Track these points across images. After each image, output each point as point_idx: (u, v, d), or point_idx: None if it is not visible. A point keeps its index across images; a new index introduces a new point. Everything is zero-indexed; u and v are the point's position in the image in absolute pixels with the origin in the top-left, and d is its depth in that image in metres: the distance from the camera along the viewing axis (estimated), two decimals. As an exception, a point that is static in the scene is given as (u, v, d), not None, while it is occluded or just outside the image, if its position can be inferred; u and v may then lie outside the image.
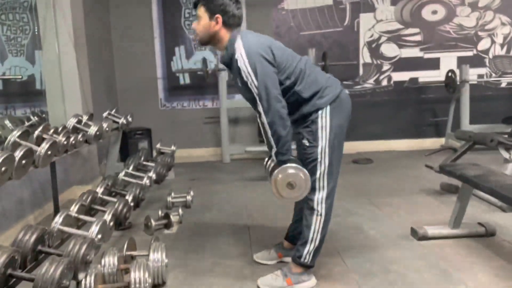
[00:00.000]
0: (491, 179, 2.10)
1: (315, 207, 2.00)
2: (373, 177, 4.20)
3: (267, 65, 1.85)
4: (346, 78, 5.55)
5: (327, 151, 1.95)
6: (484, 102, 5.50)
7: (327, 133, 1.94)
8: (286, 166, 1.86)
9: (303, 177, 1.86)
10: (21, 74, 4.76)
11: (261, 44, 1.89)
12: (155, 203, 3.52)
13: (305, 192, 1.89)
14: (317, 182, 1.99)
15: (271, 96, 1.83)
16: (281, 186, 1.86)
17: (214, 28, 1.93)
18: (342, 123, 1.98)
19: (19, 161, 2.16)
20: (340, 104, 1.97)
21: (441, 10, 5.46)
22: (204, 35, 1.97)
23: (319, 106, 1.93)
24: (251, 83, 1.85)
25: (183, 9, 5.41)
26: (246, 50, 1.84)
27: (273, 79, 1.86)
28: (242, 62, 1.84)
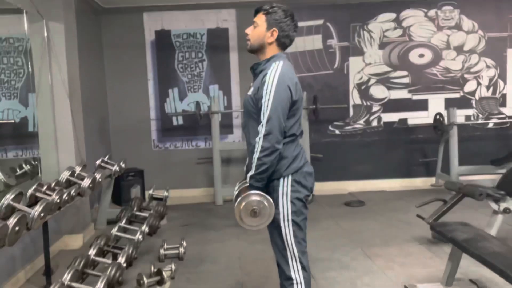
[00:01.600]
0: (480, 245, 2.14)
1: (293, 276, 1.98)
2: (365, 222, 4.22)
3: (288, 98, 1.87)
4: (336, 119, 5.66)
5: (289, 218, 1.94)
6: (472, 142, 5.62)
7: (288, 201, 1.94)
8: (252, 193, 1.86)
9: (267, 205, 1.85)
10: (14, 118, 4.76)
11: (295, 81, 1.93)
12: (147, 255, 3.48)
13: (267, 222, 1.88)
14: (288, 251, 1.97)
15: (277, 126, 1.84)
16: (244, 212, 1.85)
17: (267, 39, 1.96)
18: (303, 192, 1.97)
19: (12, 228, 2.16)
20: (302, 176, 1.96)
21: (428, 54, 5.64)
22: (256, 42, 1.99)
23: (281, 174, 1.93)
24: (266, 100, 1.85)
25: (176, 52, 5.52)
26: (281, 75, 1.87)
27: (285, 111, 1.87)
28: (270, 80, 1.86)
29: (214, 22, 5.49)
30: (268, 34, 1.96)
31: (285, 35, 1.97)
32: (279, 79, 1.86)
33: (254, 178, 1.88)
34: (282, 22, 1.96)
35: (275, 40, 1.97)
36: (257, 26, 1.99)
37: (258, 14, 2.01)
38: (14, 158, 4.64)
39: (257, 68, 2.01)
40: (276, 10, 1.96)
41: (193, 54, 5.53)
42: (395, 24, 5.58)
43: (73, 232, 3.83)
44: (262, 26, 1.97)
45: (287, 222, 1.95)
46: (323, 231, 3.97)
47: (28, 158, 4.30)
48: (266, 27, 1.96)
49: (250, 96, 1.98)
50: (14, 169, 3.96)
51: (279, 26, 1.95)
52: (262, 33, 1.97)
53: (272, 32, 1.96)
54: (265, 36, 1.96)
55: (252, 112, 1.96)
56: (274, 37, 1.96)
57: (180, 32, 5.49)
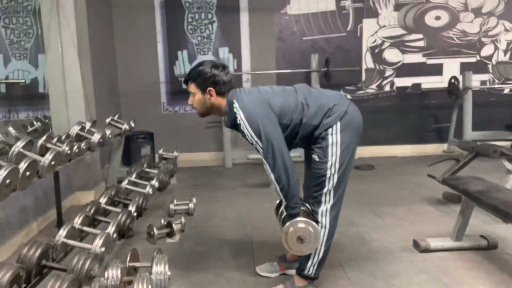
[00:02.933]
0: (494, 195, 2.10)
1: (319, 219, 2.01)
2: (375, 185, 4.20)
3: (268, 122, 1.88)
4: (348, 83, 5.56)
5: (336, 167, 1.95)
6: (487, 108, 5.50)
7: (337, 149, 1.94)
8: (296, 221, 1.90)
9: (312, 231, 1.90)
10: (24, 78, 4.76)
11: (258, 103, 1.92)
12: (157, 210, 3.52)
13: (314, 246, 1.94)
14: (323, 196, 2.00)
15: (277, 154, 1.86)
16: (291, 240, 1.90)
17: (209, 101, 1.98)
18: (352, 138, 1.97)
19: (23, 173, 2.17)
20: (349, 119, 1.96)
21: (444, 16, 5.45)
22: (202, 109, 2.04)
23: (328, 125, 1.94)
24: (256, 144, 1.90)
25: (186, 13, 5.41)
26: (245, 115, 1.88)
27: (276, 135, 1.88)
28: (244, 127, 1.89)
29: (225, -18, 5.35)
30: (208, 96, 1.98)
31: (221, 85, 1.96)
32: (248, 120, 1.88)
33: (289, 208, 1.93)
34: (211, 78, 1.95)
35: (217, 95, 1.97)
36: (194, 95, 2.00)
37: (188, 84, 2.02)
38: (25, 119, 4.67)
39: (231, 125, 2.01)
40: (198, 73, 1.96)
41: (202, 15, 5.42)
42: (411, -15, 5.39)
43: (85, 189, 3.88)
44: (197, 93, 1.99)
45: (334, 170, 1.96)
46: None
47: (39, 117, 4.33)
48: (201, 92, 1.98)
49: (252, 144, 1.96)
50: (25, 126, 3.99)
51: (211, 82, 1.95)
52: (202, 99, 1.99)
53: (209, 91, 1.96)
54: (205, 99, 1.99)
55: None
56: (214, 94, 1.96)
57: (189, -8, 5.38)
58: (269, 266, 2.38)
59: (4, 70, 4.82)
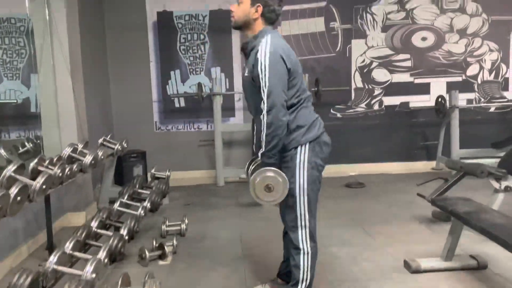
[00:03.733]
0: (482, 217, 2.15)
1: (300, 246, 2.02)
2: (366, 203, 4.24)
3: (284, 69, 1.88)
4: (338, 102, 5.65)
5: (305, 188, 1.97)
6: (473, 126, 5.61)
7: (305, 170, 1.96)
8: (266, 169, 1.89)
9: (281, 180, 1.88)
10: (16, 98, 4.76)
11: (287, 50, 1.94)
12: (150, 231, 3.51)
13: (281, 197, 1.91)
14: (299, 220, 2.01)
15: (278, 98, 1.85)
16: (259, 187, 1.88)
17: (252, 15, 1.97)
18: (319, 163, 2.00)
19: (14, 198, 2.17)
20: (319, 145, 1.99)
21: (431, 37, 5.60)
22: (240, 19, 2.01)
23: (299, 143, 1.95)
24: (263, 77, 1.86)
25: (178, 34, 5.49)
26: (272, 47, 1.88)
27: (284, 83, 1.89)
28: (263, 56, 1.87)
29: (216, 3, 5.44)
30: (253, 10, 1.97)
31: (270, 10, 1.98)
32: (270, 53, 1.87)
33: (265, 155, 1.91)
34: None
35: (260, 15, 1.97)
36: (241, 3, 2.00)
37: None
38: (16, 139, 4.66)
39: (247, 47, 2.02)
40: None
41: (195, 36, 5.50)
42: (398, 7, 5.54)
43: (76, 210, 3.86)
44: (246, 3, 1.98)
45: (303, 191, 1.97)
46: (323, 211, 3.94)
47: (31, 137, 4.32)
48: (250, 3, 1.97)
49: (247, 76, 2.00)
50: (17, 147, 3.98)
51: (264, 1, 1.96)
52: (247, 10, 1.98)
53: (257, 7, 1.97)
54: (249, 12, 1.98)
55: (254, 92, 1.97)
56: (259, 12, 1.97)
57: (182, 14, 5.46)
58: (262, 288, 2.38)
59: (-4, 90, 4.83)
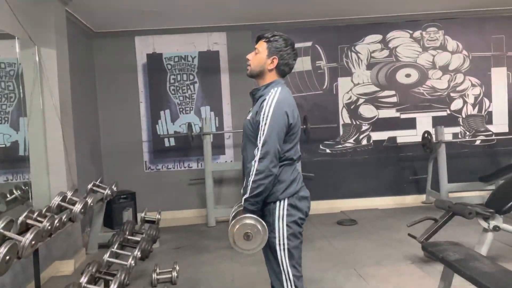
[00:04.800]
0: (472, 265, 2.17)
1: None
2: (358, 242, 4.23)
3: (284, 124, 1.91)
4: (327, 138, 5.73)
5: (285, 242, 1.96)
6: (460, 159, 5.71)
7: (284, 224, 1.96)
8: (246, 216, 1.87)
9: (260, 229, 1.86)
10: (5, 142, 4.73)
11: (292, 106, 1.97)
12: (140, 279, 3.45)
13: (260, 246, 1.89)
14: (283, 275, 1.98)
15: (273, 148, 1.87)
16: (238, 235, 1.86)
17: (268, 66, 2.02)
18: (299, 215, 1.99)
19: (3, 258, 2.14)
20: (298, 199, 1.99)
21: (414, 74, 5.77)
22: (256, 68, 2.04)
23: (277, 198, 1.96)
24: (263, 125, 1.89)
25: (168, 75, 5.58)
26: (278, 101, 1.91)
27: (281, 137, 1.91)
28: (268, 106, 1.91)
29: (205, 45, 5.57)
30: (269, 61, 2.02)
31: (284, 63, 2.04)
32: (276, 105, 1.91)
33: (248, 201, 1.90)
34: (283, 51, 2.02)
35: (275, 67, 2.03)
36: (258, 53, 2.05)
37: (259, 41, 2.07)
38: (4, 183, 4.60)
39: (256, 93, 2.06)
40: (277, 39, 2.03)
41: (184, 77, 5.59)
42: (381, 45, 5.72)
43: (64, 258, 3.79)
44: (263, 53, 2.03)
45: (283, 246, 1.96)
46: (316, 251, 3.98)
47: (19, 183, 4.26)
48: (267, 54, 2.02)
49: (249, 120, 2.03)
50: (5, 195, 3.92)
51: (280, 54, 2.02)
52: (263, 60, 2.03)
53: (273, 59, 2.02)
54: (265, 63, 2.03)
55: (250, 136, 2.00)
56: (274, 64, 2.02)
57: (171, 55, 5.57)
58: None
59: (-16, 134, 4.80)
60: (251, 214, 1.89)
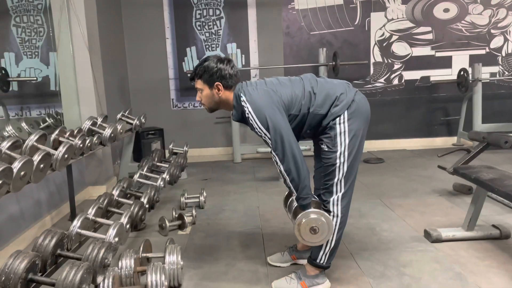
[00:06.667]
0: (506, 183, 2.10)
1: (331, 209, 2.02)
2: (384, 177, 4.19)
3: (275, 114, 1.87)
4: (356, 77, 5.55)
5: (346, 156, 1.95)
6: (496, 100, 5.46)
7: (345, 138, 1.94)
8: (308, 212, 1.91)
9: (325, 221, 1.91)
10: (36, 76, 4.83)
11: (265, 95, 1.91)
12: (169, 204, 3.56)
13: (328, 237, 1.94)
14: (334, 186, 2.00)
15: (286, 144, 1.86)
16: (304, 231, 1.91)
17: (217, 95, 1.98)
18: (360, 127, 1.97)
19: (37, 165, 2.21)
20: (356, 108, 1.95)
21: (453, 8, 5.41)
22: (210, 104, 2.03)
23: (336, 114, 1.94)
24: (264, 137, 1.89)
25: (194, 10, 5.44)
26: (253, 107, 1.88)
27: (285, 126, 1.88)
28: (252, 120, 1.88)
29: (232, -23, 5.37)
30: (215, 91, 1.97)
31: (227, 78, 1.96)
32: (255, 112, 1.87)
33: (300, 199, 1.93)
34: (218, 72, 1.94)
35: (224, 89, 1.97)
36: (201, 91, 2.00)
37: (195, 81, 2.01)
38: (37, 116, 4.74)
39: (239, 118, 2.01)
40: (204, 69, 1.95)
41: (210, 12, 5.45)
42: (419, -23, 5.37)
43: (97, 184, 3.94)
44: (205, 89, 1.99)
45: (343, 159, 1.96)
46: None
47: (51, 114, 4.39)
48: (208, 87, 1.97)
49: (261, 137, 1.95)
50: (38, 122, 4.04)
51: (218, 77, 1.94)
52: (210, 94, 1.99)
53: (217, 86, 1.95)
54: (213, 94, 1.98)
55: None
56: (222, 89, 1.96)
57: (197, -11, 5.40)
58: (280, 256, 2.40)
59: (16, 69, 4.90)
60: (309, 208, 1.92)
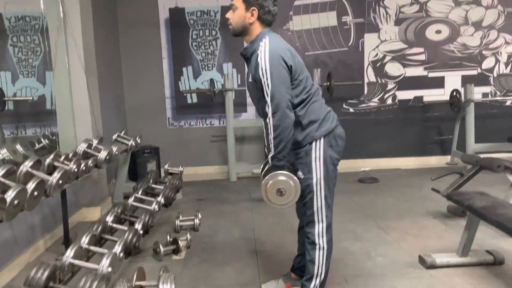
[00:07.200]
0: (499, 212, 2.12)
1: (316, 241, 2.02)
2: (379, 198, 4.21)
3: (285, 70, 1.87)
4: (351, 97, 5.61)
5: (322, 183, 1.96)
6: (489, 120, 5.52)
7: (321, 164, 1.95)
8: (278, 173, 1.88)
9: (293, 184, 1.87)
10: (32, 96, 4.84)
11: (286, 49, 1.91)
12: (164, 226, 3.55)
13: (293, 200, 1.90)
14: (315, 215, 2.01)
15: (282, 100, 1.84)
16: (271, 192, 1.88)
17: (249, 20, 1.94)
18: (335, 156, 1.99)
19: (31, 193, 2.21)
20: (334, 138, 1.98)
21: (445, 30, 5.51)
22: (238, 26, 1.98)
23: (313, 138, 1.94)
24: (265, 81, 1.85)
25: (190, 30, 5.50)
26: (271, 50, 1.86)
27: (287, 84, 1.87)
28: (263, 60, 1.85)
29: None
30: (248, 15, 1.94)
31: (265, 11, 1.95)
32: (270, 55, 1.86)
33: (275, 158, 1.91)
34: (260, 0, 1.93)
35: (257, 19, 1.94)
36: (236, 9, 1.96)
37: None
38: (32, 135, 4.73)
39: (247, 52, 2.00)
40: None
41: (207, 32, 5.51)
42: (411, 0, 5.46)
43: (91, 205, 3.92)
44: (240, 8, 1.95)
45: (320, 186, 1.96)
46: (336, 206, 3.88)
47: (46, 134, 4.38)
48: (244, 8, 1.94)
49: (251, 82, 1.99)
50: (33, 143, 4.04)
51: (258, 4, 1.93)
52: (242, 15, 1.94)
53: (252, 11, 1.93)
54: (245, 17, 1.94)
55: (259, 96, 1.96)
56: (255, 16, 1.94)
57: (194, 10, 5.47)
58: (275, 283, 2.39)
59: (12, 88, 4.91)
60: (281, 170, 1.88)
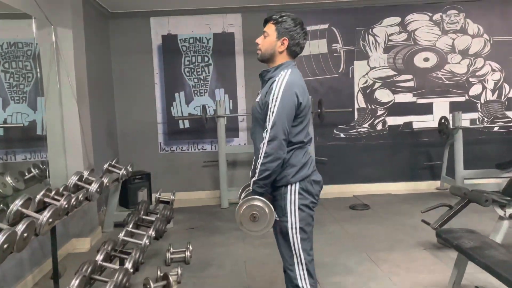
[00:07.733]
0: (487, 253, 2.15)
1: (300, 285, 2.01)
2: (370, 226, 4.23)
3: (294, 105, 1.88)
4: (341, 122, 5.68)
5: (297, 226, 1.96)
6: (477, 146, 5.62)
7: (296, 209, 1.95)
8: (255, 197, 1.87)
9: (267, 212, 1.85)
10: (23, 121, 4.81)
11: (301, 87, 1.93)
12: (154, 258, 3.52)
13: (265, 230, 1.89)
14: (295, 258, 2.00)
15: (281, 132, 1.85)
16: (244, 215, 1.86)
17: (278, 48, 1.97)
18: (310, 200, 1.99)
19: (21, 235, 2.19)
20: (310, 183, 1.98)
21: (433, 58, 5.64)
22: (267, 52, 2.00)
23: (289, 182, 1.94)
24: (272, 107, 1.86)
25: (183, 57, 5.56)
26: (288, 81, 1.89)
27: (290, 118, 1.89)
28: (278, 87, 1.88)
29: (220, 26, 5.53)
30: (279, 43, 1.97)
31: (295, 43, 1.98)
32: (286, 86, 1.88)
33: (257, 184, 1.90)
34: (292, 31, 1.97)
35: (286, 48, 1.98)
36: (268, 36, 2.00)
37: (267, 24, 2.02)
38: (22, 161, 4.69)
39: (266, 75, 2.02)
40: (285, 19, 1.97)
41: (199, 59, 5.57)
42: (400, 28, 5.59)
43: (81, 236, 3.88)
44: (272, 36, 1.98)
45: (295, 230, 1.96)
46: (328, 235, 3.99)
47: (37, 162, 4.34)
48: (276, 36, 1.97)
49: (258, 102, 2.01)
50: (23, 173, 4.00)
51: (290, 35, 1.96)
52: (273, 43, 1.98)
53: (283, 41, 1.97)
54: (275, 45, 1.98)
55: (259, 119, 1.98)
56: (285, 46, 1.97)
57: (186, 37, 5.54)
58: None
59: (3, 113, 4.89)
60: (260, 196, 1.88)
